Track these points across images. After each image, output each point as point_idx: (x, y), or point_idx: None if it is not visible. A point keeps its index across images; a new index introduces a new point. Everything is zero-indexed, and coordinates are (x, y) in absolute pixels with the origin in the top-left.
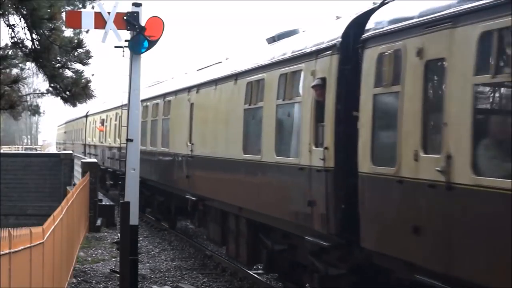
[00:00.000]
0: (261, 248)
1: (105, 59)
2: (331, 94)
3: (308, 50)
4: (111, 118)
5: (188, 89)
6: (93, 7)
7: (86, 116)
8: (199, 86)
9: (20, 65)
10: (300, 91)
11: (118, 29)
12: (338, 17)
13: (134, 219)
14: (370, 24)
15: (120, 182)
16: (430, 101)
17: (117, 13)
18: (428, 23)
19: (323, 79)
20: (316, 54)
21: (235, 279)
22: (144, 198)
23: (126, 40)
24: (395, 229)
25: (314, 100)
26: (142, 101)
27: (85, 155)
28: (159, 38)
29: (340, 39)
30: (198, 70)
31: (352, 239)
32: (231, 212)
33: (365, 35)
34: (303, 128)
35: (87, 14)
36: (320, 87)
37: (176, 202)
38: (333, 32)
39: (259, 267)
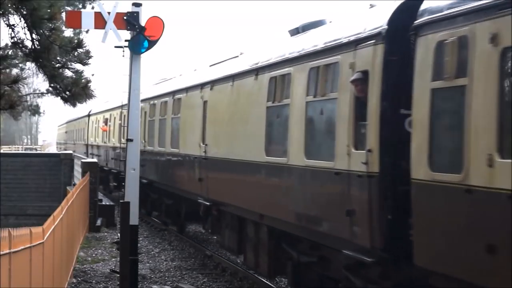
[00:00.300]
0: (284, 259)
1: (105, 59)
2: (375, 89)
3: (345, 40)
4: (115, 118)
5: (201, 85)
6: (93, 7)
7: (89, 115)
8: (213, 83)
9: (20, 65)
10: (336, 86)
11: (118, 29)
12: (372, 6)
13: (134, 219)
14: (424, 9)
15: (124, 184)
16: (508, 95)
17: (117, 13)
18: (505, 4)
19: (365, 72)
20: (355, 44)
21: (235, 279)
22: (150, 201)
23: (126, 40)
24: (463, 246)
25: (354, 96)
26: (149, 99)
27: (87, 156)
28: (159, 38)
29: (385, 27)
30: (211, 65)
31: (399, 255)
32: (250, 219)
33: (418, 21)
34: (340, 128)
35: (87, 14)
36: (361, 82)
37: (186, 206)
38: (375, 20)
39: (280, 279)
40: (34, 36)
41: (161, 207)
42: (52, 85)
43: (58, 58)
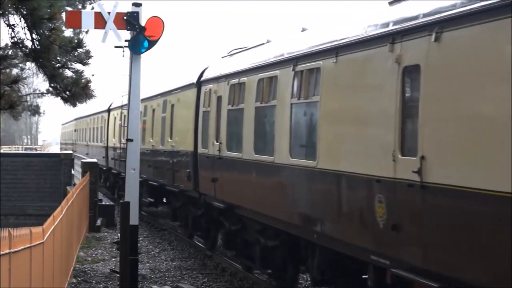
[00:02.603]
0: None
1: (105, 59)
2: None
3: None
4: (154, 110)
5: (392, 35)
6: (93, 7)
7: (109, 110)
8: (442, 25)
9: (20, 65)
10: None
11: (118, 29)
12: None
13: (134, 219)
14: None
15: (167, 202)
16: None
17: (117, 13)
18: None
19: None
20: None
21: (235, 279)
22: (224, 233)
23: (126, 40)
24: None
25: None
26: (228, 76)
27: (107, 162)
28: (159, 38)
29: None
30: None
31: None
32: None
33: None
34: None
35: (87, 14)
36: None
37: (321, 260)
38: None
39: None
40: (34, 36)
41: (247, 246)
42: (52, 85)
43: (58, 58)
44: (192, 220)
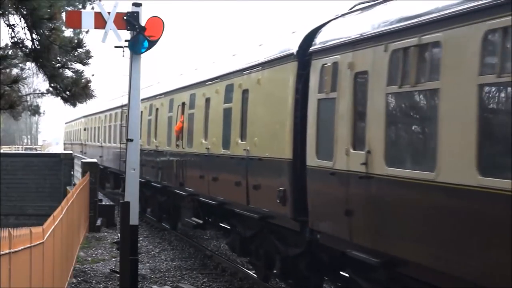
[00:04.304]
0: None
1: (105, 59)
2: None
3: None
4: (208, 99)
5: None
6: (93, 8)
7: None
8: None
9: (20, 65)
10: None
11: (118, 29)
12: None
13: (134, 219)
14: None
15: (228, 230)
16: None
17: (117, 13)
18: None
19: None
20: None
21: (235, 279)
22: None
23: (126, 40)
24: None
25: None
26: (377, 37)
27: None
28: (159, 38)
29: None
30: None
31: None
32: None
33: None
34: None
35: (87, 14)
36: None
37: None
38: None
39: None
40: (34, 36)
41: None
42: (52, 85)
43: (58, 58)
44: (280, 261)
